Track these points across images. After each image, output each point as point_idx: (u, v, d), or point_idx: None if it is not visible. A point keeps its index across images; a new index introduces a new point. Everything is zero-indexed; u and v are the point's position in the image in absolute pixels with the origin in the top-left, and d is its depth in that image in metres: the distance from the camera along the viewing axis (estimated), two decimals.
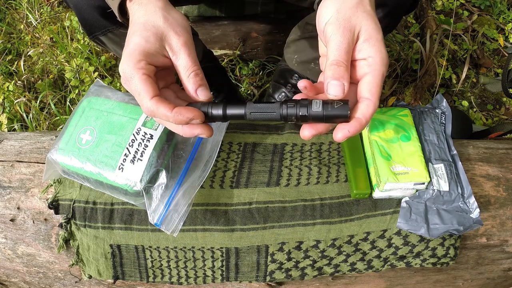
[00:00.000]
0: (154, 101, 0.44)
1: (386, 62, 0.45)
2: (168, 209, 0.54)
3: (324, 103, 0.43)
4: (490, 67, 1.34)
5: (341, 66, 0.44)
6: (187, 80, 0.47)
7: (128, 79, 0.45)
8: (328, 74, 0.44)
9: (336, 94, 0.43)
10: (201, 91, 0.47)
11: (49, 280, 0.67)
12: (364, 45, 0.45)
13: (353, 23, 0.45)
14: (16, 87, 1.25)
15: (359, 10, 0.46)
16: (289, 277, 0.63)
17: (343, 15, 0.45)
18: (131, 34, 0.46)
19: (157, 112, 0.45)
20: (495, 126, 0.95)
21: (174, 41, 0.47)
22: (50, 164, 0.59)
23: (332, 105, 0.43)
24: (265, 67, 1.23)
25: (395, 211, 0.61)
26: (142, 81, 0.45)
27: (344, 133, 0.43)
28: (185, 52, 0.47)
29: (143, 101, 0.45)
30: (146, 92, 0.44)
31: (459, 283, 0.69)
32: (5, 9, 1.45)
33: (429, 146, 0.64)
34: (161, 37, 0.46)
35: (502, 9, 1.45)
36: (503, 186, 0.66)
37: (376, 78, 0.44)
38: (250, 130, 0.70)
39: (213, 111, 0.46)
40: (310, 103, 0.43)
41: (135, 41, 0.45)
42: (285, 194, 0.62)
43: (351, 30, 0.45)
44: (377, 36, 0.45)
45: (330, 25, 0.45)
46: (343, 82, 0.43)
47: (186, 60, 0.47)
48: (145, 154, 0.55)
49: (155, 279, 0.64)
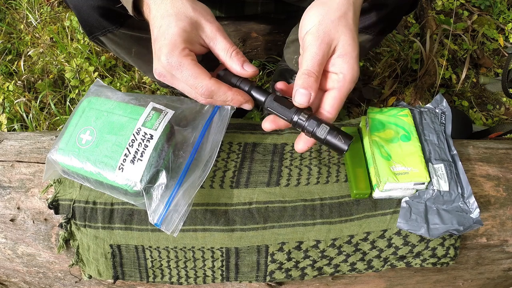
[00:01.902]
0: (214, 81, 0.47)
1: (355, 79, 0.48)
2: (168, 209, 0.54)
3: (331, 129, 0.47)
4: (490, 67, 1.34)
5: (312, 76, 0.46)
6: (231, 60, 0.49)
7: (175, 67, 0.46)
8: (298, 82, 0.47)
9: (301, 103, 0.47)
10: (247, 66, 0.50)
11: (49, 280, 0.67)
12: (339, 60, 0.47)
13: (332, 36, 0.47)
14: (16, 87, 1.25)
15: (340, 24, 0.47)
16: (289, 277, 0.63)
17: (324, 28, 0.47)
18: (166, 26, 0.47)
19: (218, 91, 0.47)
20: (495, 126, 0.95)
21: (208, 28, 0.48)
22: (50, 164, 0.59)
23: (336, 136, 0.47)
24: (265, 67, 1.23)
25: (395, 211, 0.61)
26: (194, 65, 0.46)
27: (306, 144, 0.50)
28: (221, 36, 0.49)
29: (203, 82, 0.46)
30: (203, 74, 0.47)
31: (459, 283, 0.69)
32: (5, 9, 1.45)
33: (429, 146, 0.64)
34: (196, 26, 0.48)
35: (502, 9, 1.45)
36: (503, 186, 0.67)
37: (341, 94, 0.48)
38: (250, 130, 0.70)
39: (240, 85, 0.51)
40: (319, 125, 0.48)
41: (173, 32, 0.46)
42: (285, 194, 0.62)
43: (328, 44, 0.47)
44: (352, 53, 0.47)
45: (310, 35, 0.47)
46: (310, 92, 0.46)
47: (224, 42, 0.49)
48: (145, 154, 0.55)
49: (155, 279, 0.64)
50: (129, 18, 0.68)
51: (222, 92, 0.47)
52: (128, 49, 0.78)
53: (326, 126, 0.47)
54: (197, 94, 0.48)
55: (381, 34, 0.78)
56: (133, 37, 0.74)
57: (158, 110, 0.58)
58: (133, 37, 0.74)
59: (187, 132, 0.61)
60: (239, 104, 0.49)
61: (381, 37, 0.81)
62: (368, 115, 0.66)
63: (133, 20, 0.69)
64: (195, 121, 0.62)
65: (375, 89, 1.23)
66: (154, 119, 0.57)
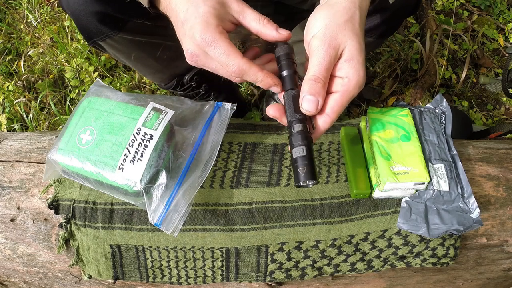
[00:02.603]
0: (245, 60, 0.47)
1: (361, 84, 0.47)
2: (168, 209, 0.54)
3: (304, 157, 0.46)
4: (490, 67, 1.34)
5: (319, 82, 0.46)
6: (264, 27, 0.49)
7: (210, 44, 0.46)
8: (305, 88, 0.46)
9: (308, 109, 0.47)
10: (281, 30, 0.50)
11: (49, 280, 0.67)
12: (345, 65, 0.47)
13: (338, 41, 0.47)
14: (16, 87, 1.25)
15: (347, 28, 0.47)
16: (289, 277, 0.63)
17: (331, 32, 0.47)
18: (194, 8, 0.47)
19: (249, 70, 0.47)
20: (495, 126, 0.95)
21: (234, 4, 0.49)
22: (50, 164, 0.59)
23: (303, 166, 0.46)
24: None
25: (395, 211, 0.61)
26: (228, 43, 0.47)
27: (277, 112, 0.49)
28: (248, 8, 0.50)
29: (235, 60, 0.46)
30: (236, 52, 0.47)
31: (459, 283, 0.69)
32: (5, 9, 1.45)
33: (429, 146, 0.64)
34: (222, 4, 0.48)
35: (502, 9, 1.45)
36: (503, 186, 0.67)
37: (343, 99, 0.47)
38: (250, 130, 0.70)
39: None
40: (300, 145, 0.47)
41: (204, 10, 0.47)
42: (285, 194, 0.62)
43: (335, 48, 0.46)
44: (358, 58, 0.47)
45: (316, 39, 0.47)
46: (318, 98, 0.46)
47: (254, 13, 0.49)
48: (145, 154, 0.55)
49: (155, 279, 0.64)
50: (128, 22, 0.68)
51: (253, 72, 0.47)
52: (127, 53, 0.78)
53: (304, 151, 0.46)
54: (228, 72, 0.48)
55: (382, 37, 0.77)
56: (132, 42, 0.74)
57: (158, 110, 0.58)
58: (133, 42, 0.74)
59: (187, 132, 0.61)
60: (268, 86, 0.49)
61: (382, 39, 0.81)
62: (368, 115, 0.66)
63: (132, 25, 0.69)
64: (195, 121, 0.62)
65: (375, 89, 1.24)
66: (154, 119, 0.57)
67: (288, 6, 0.89)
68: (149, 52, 0.80)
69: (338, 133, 0.70)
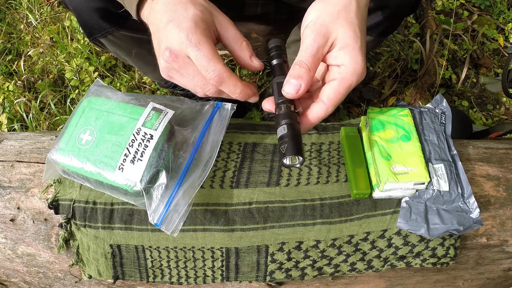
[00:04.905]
0: (227, 68, 0.46)
1: (360, 72, 0.46)
2: (168, 209, 0.54)
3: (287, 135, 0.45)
4: (490, 67, 1.34)
5: (303, 67, 0.46)
6: (240, 49, 0.49)
7: (193, 45, 0.44)
8: (289, 73, 0.46)
9: (288, 92, 0.46)
10: (254, 59, 0.50)
11: (49, 280, 0.67)
12: (340, 53, 0.46)
13: (329, 29, 0.46)
14: (16, 87, 1.25)
15: (340, 16, 0.47)
16: (289, 277, 0.63)
17: (321, 21, 0.46)
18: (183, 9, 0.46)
19: (229, 79, 0.46)
20: (495, 126, 0.95)
21: (220, 17, 0.49)
22: (50, 164, 0.59)
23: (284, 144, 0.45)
24: (265, 67, 1.23)
25: (395, 211, 0.61)
26: (213, 48, 0.45)
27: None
28: (232, 26, 0.49)
29: (216, 66, 0.45)
30: (219, 58, 0.45)
31: (459, 283, 0.69)
32: (5, 9, 1.45)
33: (429, 146, 0.64)
34: (210, 12, 0.48)
35: (502, 9, 1.45)
36: (503, 186, 0.67)
37: (340, 86, 0.46)
38: (250, 130, 0.70)
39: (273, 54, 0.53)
40: (284, 123, 0.46)
41: (193, 13, 0.46)
42: (285, 194, 0.62)
43: (324, 36, 0.46)
44: (353, 45, 0.46)
45: (307, 28, 0.47)
46: (300, 82, 0.45)
47: (236, 32, 0.49)
48: (145, 154, 0.55)
49: (155, 279, 0.64)
50: (129, 19, 0.68)
51: (233, 82, 0.46)
52: (128, 50, 0.78)
53: (285, 129, 0.45)
54: (206, 79, 0.46)
55: (382, 35, 0.77)
56: (133, 39, 0.74)
57: (158, 110, 0.58)
58: (133, 39, 0.74)
59: (187, 132, 0.61)
60: (247, 96, 0.48)
61: (382, 38, 0.81)
62: (368, 115, 0.66)
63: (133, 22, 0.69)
64: (195, 121, 0.62)
65: (375, 89, 1.24)
66: (154, 119, 0.57)
67: (288, 5, 0.89)
68: (149, 49, 0.80)
69: (338, 133, 0.70)
